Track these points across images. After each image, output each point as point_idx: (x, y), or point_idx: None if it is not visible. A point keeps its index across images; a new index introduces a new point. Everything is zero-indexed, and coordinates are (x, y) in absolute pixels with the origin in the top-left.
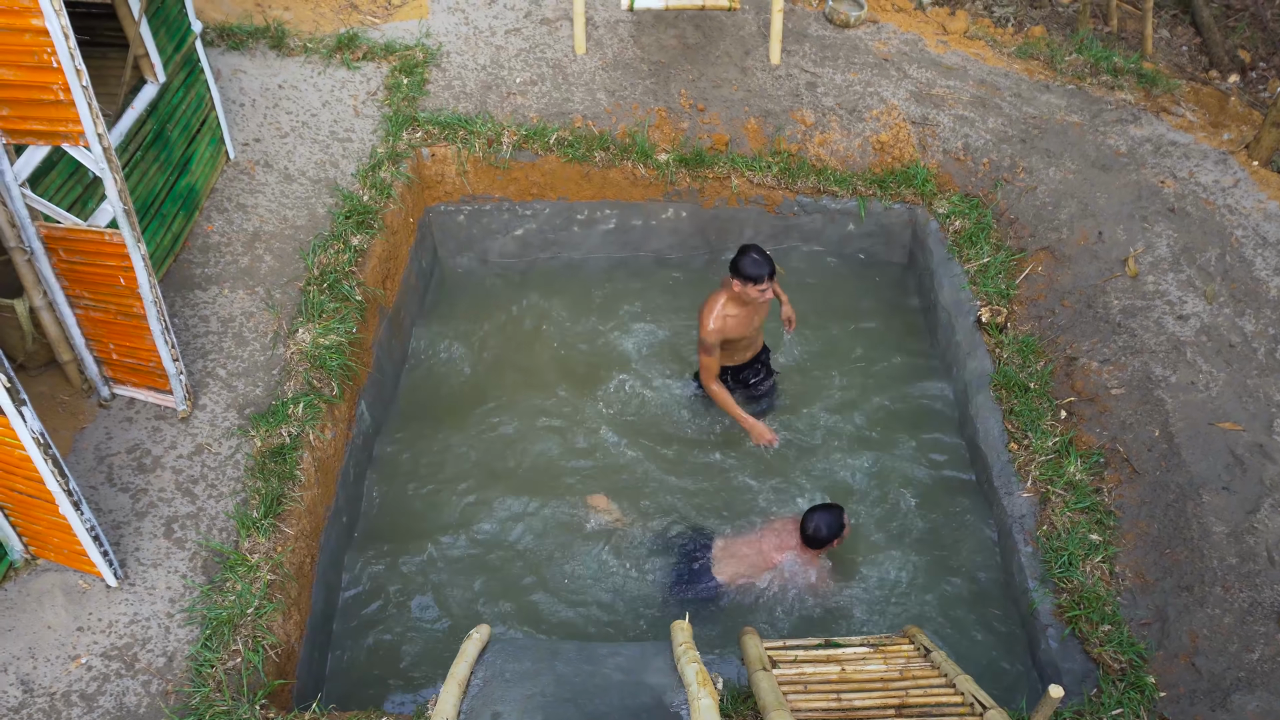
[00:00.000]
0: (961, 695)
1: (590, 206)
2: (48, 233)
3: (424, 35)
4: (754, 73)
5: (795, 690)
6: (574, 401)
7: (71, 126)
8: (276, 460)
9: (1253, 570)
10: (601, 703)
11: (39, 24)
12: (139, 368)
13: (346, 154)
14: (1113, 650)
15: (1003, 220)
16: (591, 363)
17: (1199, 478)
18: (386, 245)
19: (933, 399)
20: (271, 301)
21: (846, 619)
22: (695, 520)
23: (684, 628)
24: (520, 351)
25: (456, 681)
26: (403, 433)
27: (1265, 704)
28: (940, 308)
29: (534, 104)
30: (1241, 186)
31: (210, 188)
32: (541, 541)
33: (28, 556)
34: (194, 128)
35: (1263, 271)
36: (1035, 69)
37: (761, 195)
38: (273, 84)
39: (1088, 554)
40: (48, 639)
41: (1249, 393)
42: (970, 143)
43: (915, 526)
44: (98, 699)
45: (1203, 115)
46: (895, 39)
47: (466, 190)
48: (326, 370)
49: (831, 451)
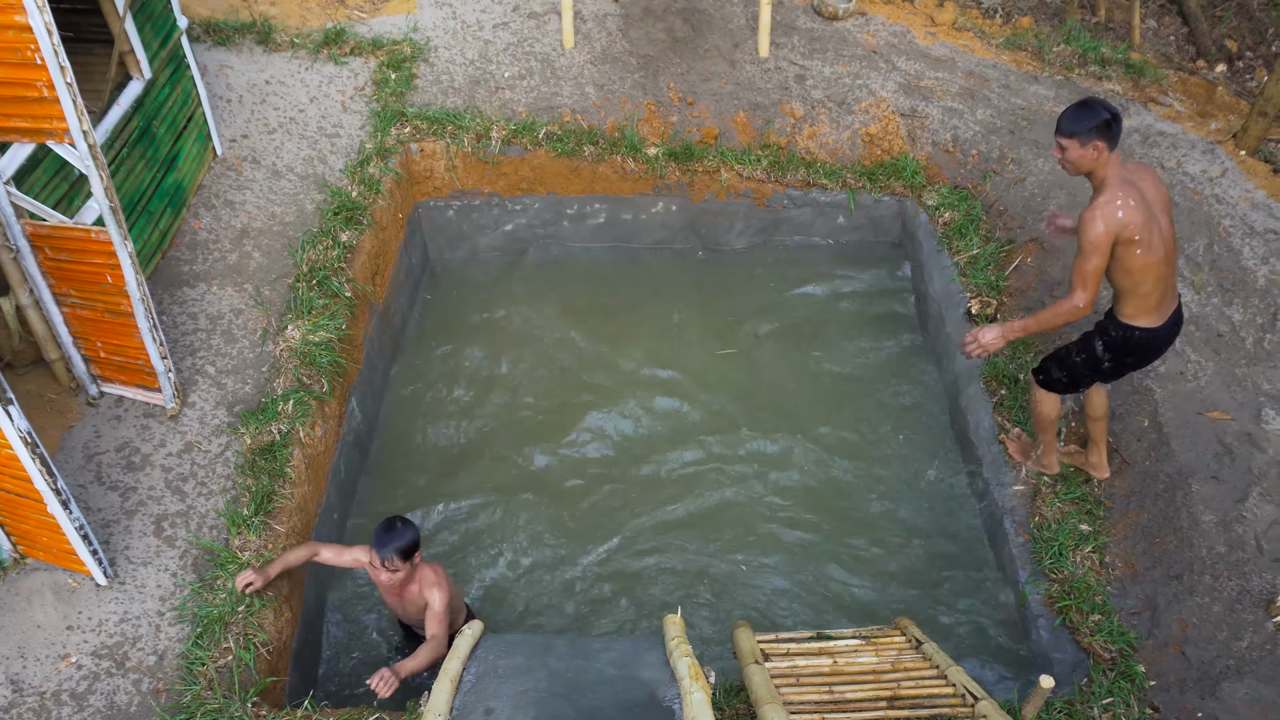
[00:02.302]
0: (953, 686)
1: (580, 201)
2: (33, 230)
3: (411, 30)
4: (743, 65)
5: (788, 683)
6: (564, 403)
7: (56, 124)
8: (267, 457)
9: (1241, 559)
10: (594, 697)
11: (22, 20)
12: (127, 366)
13: (335, 150)
14: (1103, 640)
15: (992, 212)
16: (583, 365)
17: (1188, 467)
18: (376, 241)
19: (923, 391)
20: (260, 298)
21: (837, 612)
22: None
23: (676, 622)
24: (512, 350)
25: (449, 677)
26: (394, 426)
27: (1254, 691)
28: (930, 299)
29: (523, 98)
30: (1229, 176)
31: (197, 184)
32: (534, 535)
33: (16, 556)
34: (180, 124)
35: (1250, 261)
36: (1023, 60)
37: (751, 188)
38: (260, 80)
39: (1078, 544)
40: (37, 638)
41: (1237, 382)
42: (959, 134)
43: (905, 519)
44: (88, 698)
45: (1190, 105)
46: (884, 31)
47: (456, 185)
48: (316, 367)
49: (819, 443)
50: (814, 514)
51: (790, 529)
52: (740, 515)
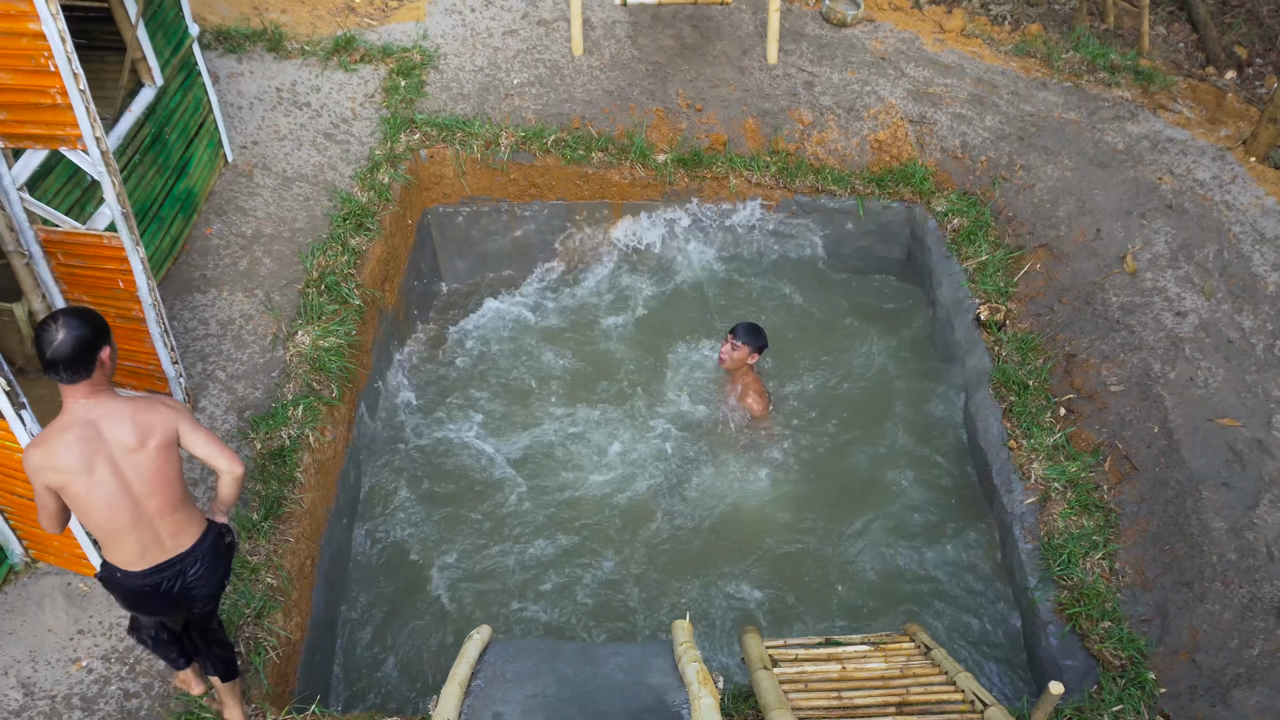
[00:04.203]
0: (962, 692)
1: (589, 207)
2: (46, 236)
3: (421, 37)
4: (751, 72)
5: (796, 689)
6: (578, 401)
7: (69, 130)
8: (276, 462)
9: (1252, 566)
10: (603, 703)
11: (36, 28)
12: (138, 370)
13: (345, 156)
14: (1113, 647)
15: (1001, 218)
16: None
17: (1198, 474)
18: (385, 247)
19: (932, 397)
20: (270, 304)
21: (846, 618)
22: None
23: (685, 627)
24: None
25: (458, 682)
26: (403, 433)
27: (1266, 699)
28: (939, 305)
29: (532, 105)
30: (1239, 182)
31: (209, 190)
32: (543, 539)
33: (28, 560)
34: (192, 131)
35: (1261, 267)
36: (1032, 67)
37: (760, 195)
38: (270, 87)
39: (1088, 551)
40: (48, 642)
41: (1248, 388)
42: (968, 141)
43: (914, 524)
44: (98, 702)
45: (1200, 112)
46: (892, 37)
47: (465, 191)
48: (326, 372)
49: (830, 449)
50: (821, 520)
51: (797, 535)
52: (747, 522)
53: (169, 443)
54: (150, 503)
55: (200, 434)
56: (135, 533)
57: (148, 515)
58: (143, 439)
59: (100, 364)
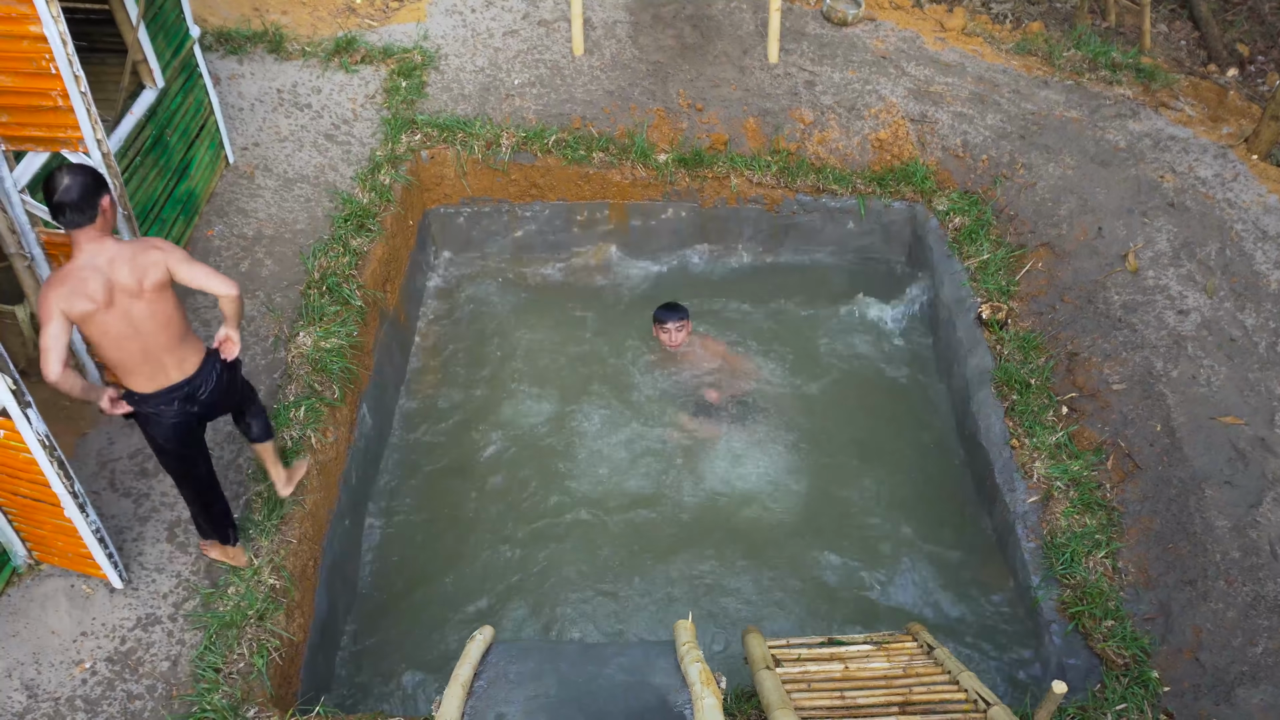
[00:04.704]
0: (965, 692)
1: (590, 207)
2: (48, 239)
3: (422, 38)
4: (752, 72)
5: (799, 689)
6: (570, 405)
7: (70, 132)
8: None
9: (1256, 564)
10: (605, 703)
11: (37, 31)
12: None
13: (346, 157)
14: (1116, 645)
15: (1002, 217)
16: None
17: (1201, 472)
18: (386, 248)
19: (934, 396)
20: (272, 305)
21: (849, 617)
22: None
23: (687, 627)
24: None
25: (460, 683)
26: (412, 430)
27: (1269, 698)
28: (940, 304)
29: (532, 105)
30: (1241, 180)
31: (210, 192)
32: (545, 539)
33: (31, 562)
34: (193, 132)
35: (1263, 265)
36: (1033, 65)
37: (761, 194)
38: (271, 88)
39: (1090, 550)
40: (51, 644)
41: (1250, 386)
42: (969, 139)
43: (916, 523)
44: (101, 704)
45: (1201, 109)
46: (893, 36)
47: (466, 192)
48: (327, 373)
49: (830, 449)
50: (822, 520)
51: (798, 535)
52: (749, 522)
53: (164, 283)
54: (154, 340)
55: (193, 267)
56: (146, 365)
57: (153, 352)
58: (140, 281)
59: (102, 211)
